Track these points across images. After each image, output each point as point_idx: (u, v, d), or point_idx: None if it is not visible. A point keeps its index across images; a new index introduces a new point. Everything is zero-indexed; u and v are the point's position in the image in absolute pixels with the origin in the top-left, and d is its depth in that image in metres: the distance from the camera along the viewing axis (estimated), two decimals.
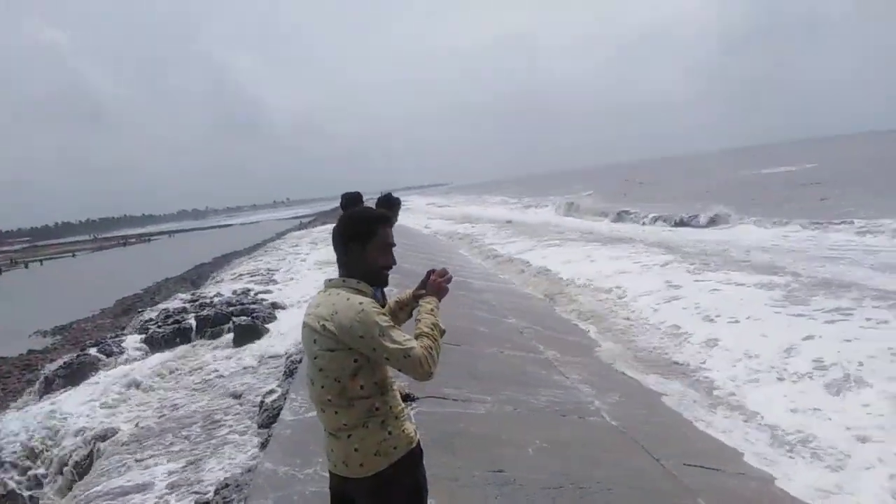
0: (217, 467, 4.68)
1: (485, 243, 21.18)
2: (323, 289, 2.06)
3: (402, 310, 2.29)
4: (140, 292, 24.00)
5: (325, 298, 1.99)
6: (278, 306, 10.95)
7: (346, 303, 1.91)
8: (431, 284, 2.20)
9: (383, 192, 5.88)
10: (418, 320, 2.07)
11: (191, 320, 10.23)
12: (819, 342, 6.87)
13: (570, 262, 14.43)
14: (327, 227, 29.26)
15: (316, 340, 1.94)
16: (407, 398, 4.41)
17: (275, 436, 4.22)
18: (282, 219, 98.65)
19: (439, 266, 2.29)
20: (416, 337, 1.96)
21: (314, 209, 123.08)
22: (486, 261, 17.27)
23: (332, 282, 2.05)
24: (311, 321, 1.97)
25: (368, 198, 6.37)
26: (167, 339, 9.66)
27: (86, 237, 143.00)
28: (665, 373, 6.72)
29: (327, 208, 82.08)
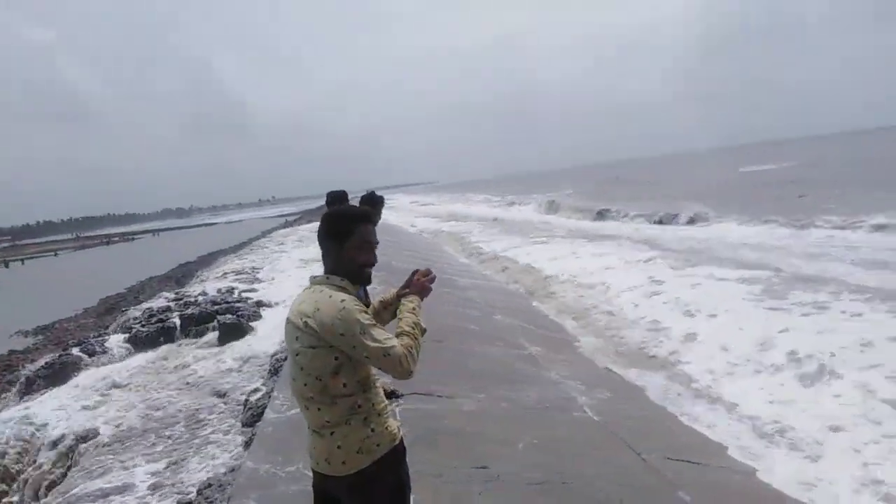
0: (200, 467, 4.65)
1: (470, 241, 21.20)
2: (308, 286, 2.07)
3: (386, 309, 2.29)
4: (124, 291, 23.73)
5: (309, 295, 1.99)
6: (263, 305, 10.89)
7: (328, 300, 1.92)
8: (415, 284, 2.22)
9: (368, 190, 5.89)
10: (400, 319, 2.09)
11: (175, 319, 10.15)
12: (794, 335, 6.97)
13: (555, 259, 14.49)
14: (313, 225, 29.16)
15: (298, 337, 1.94)
16: (391, 395, 4.42)
17: (258, 434, 4.21)
18: (267, 217, 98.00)
19: (425, 265, 2.30)
20: (397, 336, 1.97)
21: (300, 207, 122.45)
22: (470, 258, 17.29)
23: (316, 279, 2.06)
24: (294, 317, 1.98)
25: (354, 196, 6.36)
26: (151, 339, 9.57)
27: (68, 236, 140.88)
28: (646, 367, 6.80)
29: (313, 206, 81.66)
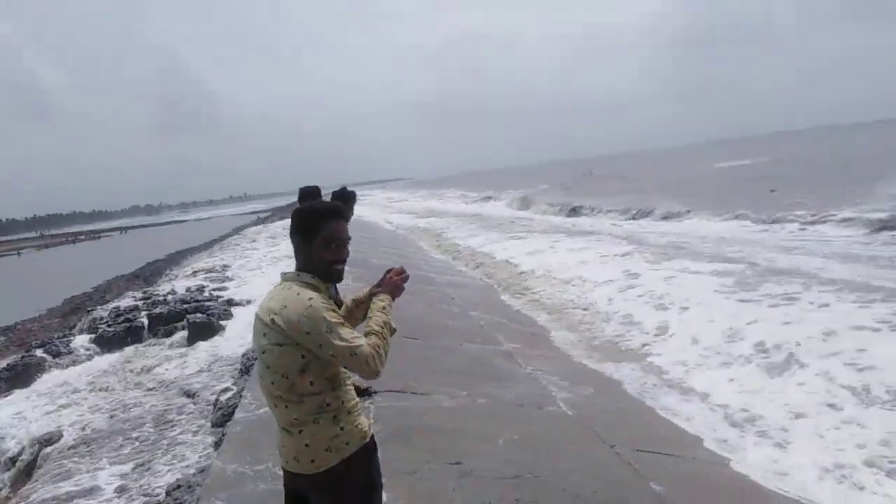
0: (168, 469, 4.55)
1: (447, 237, 21.19)
2: (279, 282, 2.02)
3: (359, 307, 2.25)
4: (90, 291, 23.15)
5: (278, 292, 1.95)
6: (234, 303, 10.74)
7: (295, 297, 1.88)
8: (387, 283, 2.18)
9: (340, 185, 5.84)
10: (369, 318, 2.05)
11: (143, 318, 9.97)
12: (763, 326, 7.10)
13: (532, 255, 14.51)
14: (285, 221, 28.80)
15: (265, 334, 1.91)
16: (364, 393, 4.36)
17: (228, 434, 4.12)
18: (238, 214, 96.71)
19: (401, 262, 2.26)
20: (366, 335, 1.94)
21: (272, 204, 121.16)
22: (447, 254, 17.27)
23: (287, 275, 2.02)
24: (262, 314, 1.94)
25: (327, 192, 6.29)
26: (118, 339, 9.39)
27: (32, 234, 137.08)
28: (620, 360, 6.86)
29: (284, 203, 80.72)
